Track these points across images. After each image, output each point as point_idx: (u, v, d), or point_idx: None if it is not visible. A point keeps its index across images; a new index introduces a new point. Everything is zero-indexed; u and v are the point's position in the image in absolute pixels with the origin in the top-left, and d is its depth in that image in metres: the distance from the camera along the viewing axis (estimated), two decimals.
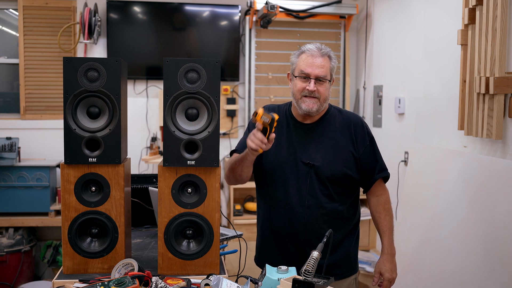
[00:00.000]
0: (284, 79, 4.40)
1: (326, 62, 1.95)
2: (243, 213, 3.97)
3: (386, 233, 2.06)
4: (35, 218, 3.79)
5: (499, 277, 2.37)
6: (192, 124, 1.77)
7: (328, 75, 1.95)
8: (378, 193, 2.10)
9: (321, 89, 1.94)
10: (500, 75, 2.35)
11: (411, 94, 3.46)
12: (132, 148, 3.43)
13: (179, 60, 1.73)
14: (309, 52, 1.95)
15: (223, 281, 1.60)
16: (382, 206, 2.08)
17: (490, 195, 2.46)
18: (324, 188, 1.97)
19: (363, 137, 2.03)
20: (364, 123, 2.08)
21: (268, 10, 3.79)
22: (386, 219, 2.07)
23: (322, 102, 1.96)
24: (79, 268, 1.78)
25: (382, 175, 2.08)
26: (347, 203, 2.03)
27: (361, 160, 2.02)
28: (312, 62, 1.93)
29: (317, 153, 1.98)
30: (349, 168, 1.99)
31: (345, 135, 2.02)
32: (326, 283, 1.47)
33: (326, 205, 1.97)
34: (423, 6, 3.28)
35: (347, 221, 2.04)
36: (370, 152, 2.04)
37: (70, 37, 4.14)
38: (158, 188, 1.76)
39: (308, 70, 1.93)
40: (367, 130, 2.07)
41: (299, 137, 2.01)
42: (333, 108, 2.09)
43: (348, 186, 2.02)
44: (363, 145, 2.02)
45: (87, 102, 1.75)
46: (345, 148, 2.00)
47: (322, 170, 1.96)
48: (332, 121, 2.04)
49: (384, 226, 2.07)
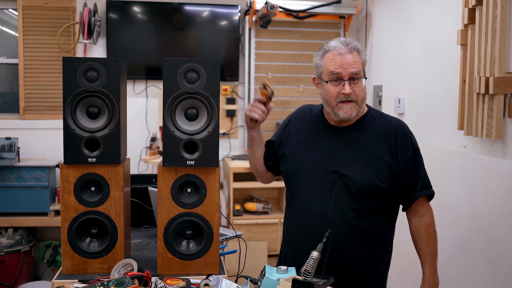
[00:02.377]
0: (284, 79, 4.41)
1: (357, 57, 1.72)
2: (242, 213, 3.97)
3: (428, 260, 1.79)
4: (34, 218, 3.78)
5: (499, 277, 2.37)
6: (192, 124, 1.76)
7: (361, 72, 1.73)
8: (421, 214, 1.81)
9: (357, 89, 1.72)
10: (500, 75, 2.35)
11: (411, 94, 3.45)
12: (132, 148, 3.42)
13: (178, 60, 1.72)
14: (336, 50, 1.72)
15: (222, 281, 1.60)
16: (424, 229, 1.80)
17: (490, 195, 2.45)
18: (353, 202, 1.73)
19: (405, 147, 1.76)
20: (408, 131, 1.81)
21: (267, 10, 3.79)
22: (429, 244, 1.80)
23: (360, 104, 1.75)
24: (79, 268, 1.77)
25: (426, 193, 1.80)
26: (379, 221, 1.78)
27: (401, 173, 1.75)
28: (342, 60, 1.70)
29: (348, 161, 1.75)
30: (383, 181, 1.73)
31: (383, 143, 1.76)
32: (326, 283, 1.47)
33: (354, 221, 1.73)
34: (423, 6, 3.28)
35: (379, 241, 1.80)
36: (412, 166, 1.77)
37: (70, 37, 4.14)
38: (158, 188, 1.76)
39: (339, 71, 1.70)
40: (411, 139, 1.79)
41: (331, 142, 1.80)
42: (373, 111, 1.84)
43: (381, 201, 1.76)
44: (404, 156, 1.76)
45: (87, 102, 1.75)
46: (381, 157, 1.74)
47: (352, 180, 1.72)
48: (370, 125, 1.80)
49: (426, 252, 1.80)
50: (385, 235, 1.83)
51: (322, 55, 1.77)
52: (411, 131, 1.83)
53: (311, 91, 4.45)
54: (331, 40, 1.78)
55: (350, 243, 1.74)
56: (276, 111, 4.40)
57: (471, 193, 2.60)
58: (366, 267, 1.79)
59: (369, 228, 1.76)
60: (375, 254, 1.81)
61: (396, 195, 1.79)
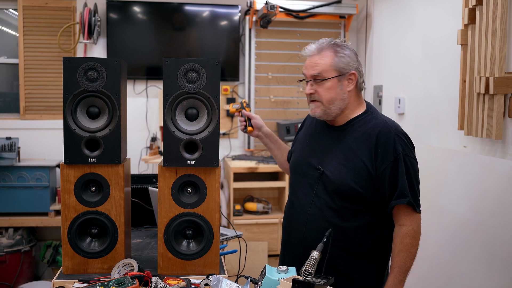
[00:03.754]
0: (284, 79, 4.41)
1: (325, 59, 1.75)
2: (243, 213, 3.97)
3: (394, 271, 1.71)
4: (34, 218, 3.78)
5: (499, 277, 2.37)
6: (192, 124, 1.77)
7: (325, 72, 1.74)
8: (401, 223, 1.73)
9: (320, 90, 1.76)
10: (500, 75, 2.35)
11: (411, 94, 3.45)
12: (132, 148, 3.43)
13: (179, 60, 1.72)
14: (306, 52, 1.83)
15: (223, 281, 1.60)
16: (400, 238, 1.71)
17: (490, 195, 2.45)
18: (330, 200, 1.76)
19: (386, 153, 1.71)
20: (392, 136, 1.73)
21: (268, 10, 3.79)
22: (400, 255, 1.70)
23: (326, 104, 1.76)
24: (79, 268, 1.77)
25: (400, 202, 1.70)
26: (356, 223, 1.75)
27: (379, 179, 1.71)
28: (308, 62, 1.80)
29: (331, 160, 1.78)
30: (358, 184, 1.71)
31: (364, 146, 1.74)
32: (326, 283, 1.47)
33: (331, 219, 1.75)
34: (423, 6, 3.28)
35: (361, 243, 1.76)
36: (391, 172, 1.70)
37: (70, 37, 4.14)
38: (158, 188, 1.76)
39: (303, 72, 1.82)
40: (394, 145, 1.71)
41: (322, 139, 1.86)
42: (369, 113, 1.83)
43: (358, 204, 1.74)
44: (384, 162, 1.71)
45: (87, 102, 1.75)
46: (360, 160, 1.73)
47: (330, 179, 1.76)
48: (358, 127, 1.79)
49: (394, 262, 1.72)
50: (366, 240, 1.77)
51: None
52: (401, 137, 1.75)
53: None
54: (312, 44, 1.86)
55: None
56: (276, 111, 4.40)
57: (471, 193, 2.60)
58: (346, 266, 1.77)
59: (346, 229, 1.75)
60: (354, 254, 1.77)
61: (376, 200, 1.74)
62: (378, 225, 1.79)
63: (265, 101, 4.38)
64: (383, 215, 1.77)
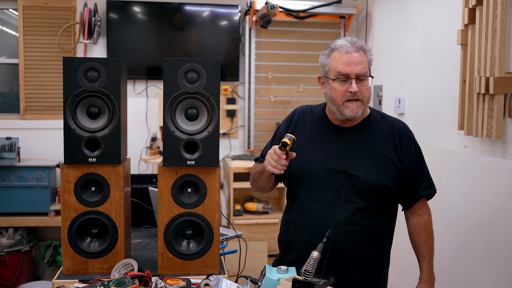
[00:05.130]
0: (284, 79, 4.41)
1: (363, 57, 1.73)
2: (243, 213, 3.97)
3: (426, 258, 1.85)
4: (34, 218, 3.79)
5: (499, 277, 2.37)
6: (192, 124, 1.77)
7: (368, 71, 1.74)
8: (420, 213, 1.86)
9: (363, 88, 1.72)
10: (500, 75, 2.35)
11: (411, 94, 3.46)
12: (132, 148, 3.43)
13: (179, 60, 1.72)
14: (343, 48, 1.72)
15: (223, 281, 1.60)
16: (423, 227, 1.85)
17: (490, 195, 2.45)
18: (361, 201, 1.74)
19: (409, 148, 1.80)
20: (410, 132, 1.85)
21: (268, 10, 3.79)
22: (427, 243, 1.85)
23: (365, 103, 1.75)
24: (79, 268, 1.77)
25: (429, 192, 1.84)
26: (381, 220, 1.80)
27: (405, 173, 1.78)
28: (349, 59, 1.70)
29: (355, 161, 1.76)
30: (390, 181, 1.75)
31: (388, 143, 1.79)
32: (326, 283, 1.47)
33: (361, 221, 1.74)
34: (423, 6, 3.28)
35: (381, 240, 1.82)
36: (416, 165, 1.81)
37: (70, 37, 4.14)
38: (158, 188, 1.76)
39: (347, 70, 1.70)
40: (413, 140, 1.84)
41: (335, 142, 1.80)
42: (375, 113, 1.86)
43: (387, 201, 1.79)
44: (408, 157, 1.79)
45: (87, 102, 1.75)
46: (387, 157, 1.77)
47: (361, 180, 1.73)
48: (374, 126, 1.81)
49: (424, 250, 1.85)
50: (387, 234, 1.85)
51: (329, 54, 1.77)
52: (413, 133, 1.87)
53: (311, 91, 4.46)
54: (338, 39, 1.79)
55: (356, 242, 1.74)
56: (276, 111, 4.40)
57: (471, 193, 2.60)
58: (371, 265, 1.81)
59: (374, 227, 1.78)
60: (379, 251, 1.83)
61: (400, 195, 1.82)
62: (393, 220, 1.88)
63: (265, 101, 4.38)
64: (396, 209, 1.88)
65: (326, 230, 1.66)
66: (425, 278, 1.84)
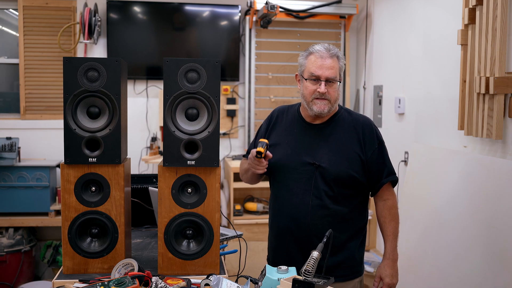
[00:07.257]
0: (284, 79, 4.41)
1: (335, 63, 1.95)
2: (243, 213, 3.97)
3: (390, 238, 2.05)
4: (35, 218, 3.79)
5: (499, 277, 2.37)
6: (192, 124, 1.77)
7: (337, 76, 1.96)
8: (385, 197, 2.08)
9: (331, 90, 1.94)
10: (500, 75, 2.35)
11: (411, 94, 3.46)
12: (132, 148, 3.43)
13: (179, 60, 1.73)
14: (318, 53, 1.95)
15: (223, 281, 1.60)
16: (388, 210, 2.07)
17: (490, 195, 2.45)
18: (328, 190, 1.96)
19: (371, 140, 2.02)
20: (373, 125, 2.07)
21: (268, 10, 3.79)
22: (391, 224, 2.06)
23: (332, 103, 1.97)
24: (79, 268, 1.78)
25: (390, 179, 2.06)
26: (351, 205, 2.01)
27: (369, 163, 2.00)
28: (322, 64, 1.93)
29: (323, 154, 1.98)
30: (355, 171, 1.97)
31: (352, 137, 2.01)
32: (326, 283, 1.47)
33: (331, 206, 1.96)
34: (423, 6, 3.28)
35: (352, 223, 2.03)
36: (378, 156, 2.02)
37: (70, 37, 4.14)
38: (158, 188, 1.76)
39: (318, 72, 1.93)
40: (376, 133, 2.05)
41: (307, 137, 2.02)
42: (343, 110, 2.09)
43: (353, 188, 2.01)
44: (371, 148, 2.01)
45: (87, 102, 1.75)
46: (352, 150, 1.99)
47: (328, 171, 1.95)
48: (341, 122, 2.04)
49: (388, 231, 2.06)
50: (358, 218, 2.05)
51: (306, 56, 1.99)
52: (376, 126, 2.08)
53: None
54: (316, 45, 1.99)
55: (328, 225, 1.93)
56: None
57: (471, 193, 2.60)
58: (343, 247, 2.00)
59: (343, 212, 1.99)
60: (351, 234, 2.03)
61: (365, 182, 2.02)
62: (364, 205, 2.10)
63: (265, 101, 4.38)
64: (366, 195, 2.09)
65: (301, 215, 1.96)
66: (388, 255, 2.05)
